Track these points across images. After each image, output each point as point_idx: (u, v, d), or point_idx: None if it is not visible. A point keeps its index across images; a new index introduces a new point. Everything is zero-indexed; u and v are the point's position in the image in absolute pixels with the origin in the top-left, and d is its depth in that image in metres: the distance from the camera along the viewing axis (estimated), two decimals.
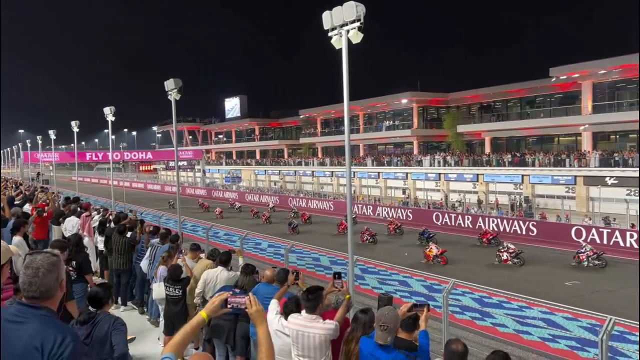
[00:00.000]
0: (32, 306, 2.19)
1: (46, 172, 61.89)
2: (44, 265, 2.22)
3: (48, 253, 2.32)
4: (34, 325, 2.14)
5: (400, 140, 50.95)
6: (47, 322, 2.18)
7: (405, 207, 35.45)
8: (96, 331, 3.98)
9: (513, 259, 19.83)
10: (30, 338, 2.11)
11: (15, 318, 2.16)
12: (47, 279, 2.22)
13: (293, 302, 4.72)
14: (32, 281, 2.20)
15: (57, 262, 2.29)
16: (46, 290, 2.22)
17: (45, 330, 2.14)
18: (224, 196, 53.04)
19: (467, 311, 12.93)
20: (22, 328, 2.13)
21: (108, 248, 10.29)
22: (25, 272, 2.23)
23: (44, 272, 2.22)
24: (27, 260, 2.27)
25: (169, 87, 17.23)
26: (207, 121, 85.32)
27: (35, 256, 2.28)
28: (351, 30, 9.44)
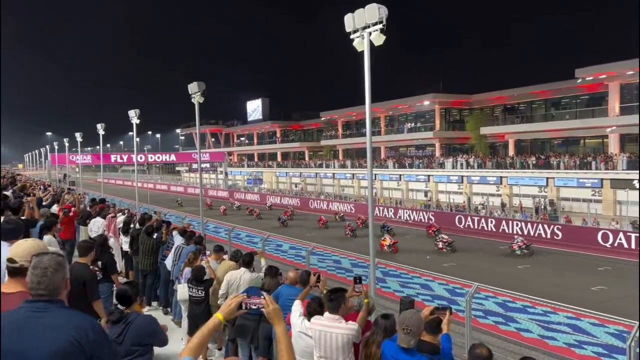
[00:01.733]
0: (46, 300, 2.27)
1: (72, 174, 63.14)
2: (51, 265, 2.31)
3: (54, 254, 2.42)
4: (61, 317, 2.23)
5: (422, 143, 50.59)
6: (72, 312, 2.31)
7: (427, 210, 35.18)
8: (129, 331, 4.06)
9: (447, 247, 23.87)
10: (65, 329, 2.18)
11: (37, 314, 2.22)
12: (55, 278, 2.31)
13: (316, 302, 4.74)
14: (40, 280, 2.28)
15: (63, 262, 2.39)
16: (54, 288, 2.30)
17: (76, 320, 2.25)
18: (246, 198, 53.38)
19: (491, 315, 12.77)
20: (46, 322, 2.19)
21: (133, 249, 10.46)
22: (34, 272, 2.31)
23: (51, 271, 2.30)
24: (35, 261, 2.35)
25: (192, 90, 17.45)
26: (230, 124, 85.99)
27: (42, 257, 2.36)
28: (373, 32, 9.44)
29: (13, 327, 2.20)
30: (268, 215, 39.10)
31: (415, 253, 23.48)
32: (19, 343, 2.16)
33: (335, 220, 34.96)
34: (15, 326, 2.19)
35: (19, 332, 2.18)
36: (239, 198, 53.18)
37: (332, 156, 60.84)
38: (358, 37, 9.76)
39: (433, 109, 48.28)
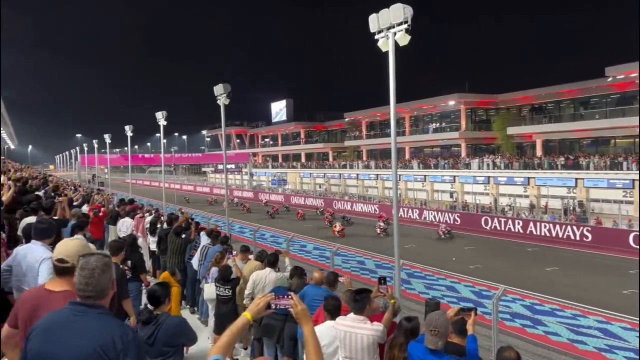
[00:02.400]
0: (88, 305, 2.26)
1: (101, 175, 64.48)
2: (99, 266, 2.31)
3: (100, 254, 2.41)
4: (94, 323, 2.22)
5: (447, 143, 50.10)
6: (106, 320, 2.26)
7: (452, 211, 34.82)
8: (160, 332, 4.14)
9: (383, 232, 28.81)
10: (93, 337, 2.17)
11: (73, 317, 2.24)
12: (103, 279, 2.31)
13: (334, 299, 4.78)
14: (88, 282, 2.28)
15: (110, 262, 2.39)
16: (102, 289, 2.30)
17: (106, 328, 2.21)
18: (270, 198, 53.67)
19: (518, 318, 12.60)
20: (80, 327, 2.20)
21: (160, 248, 10.63)
22: (81, 273, 2.30)
23: (99, 272, 2.30)
24: (82, 262, 2.35)
25: (218, 92, 17.67)
26: (254, 125, 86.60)
27: (89, 258, 2.35)
28: (398, 32, 9.40)
29: (53, 327, 2.24)
30: (260, 210, 43.89)
31: (359, 237, 28.10)
32: (52, 344, 2.20)
33: (316, 214, 39.39)
34: (54, 327, 2.24)
35: (55, 333, 2.22)
36: (264, 198, 53.52)
37: (356, 157, 60.73)
38: (383, 37, 9.75)
39: (458, 109, 47.78)
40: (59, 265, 2.88)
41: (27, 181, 12.95)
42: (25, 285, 4.64)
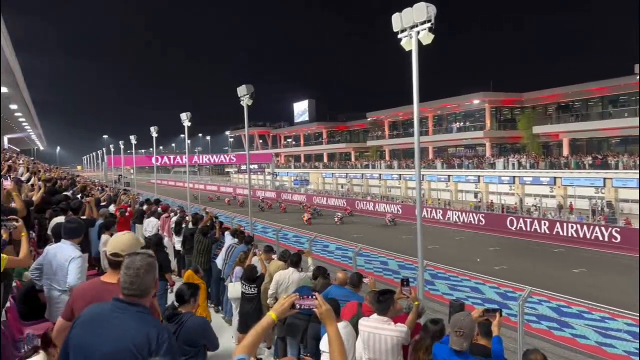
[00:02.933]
0: (129, 303, 2.33)
1: (127, 175, 65.56)
2: (143, 266, 2.37)
3: (145, 254, 2.46)
4: (132, 321, 2.28)
5: (471, 142, 49.54)
6: (144, 318, 2.33)
7: (477, 212, 34.41)
8: (183, 330, 4.20)
9: (312, 218, 35.13)
10: (129, 334, 2.24)
11: (114, 314, 2.31)
12: (147, 279, 2.38)
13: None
14: (133, 281, 2.35)
15: (154, 262, 2.44)
16: (145, 288, 2.37)
17: (143, 326, 2.28)
18: (293, 198, 53.84)
19: (544, 320, 12.40)
20: (119, 323, 2.28)
21: (185, 248, 10.77)
22: (127, 272, 2.37)
23: (143, 272, 2.37)
24: (128, 261, 2.41)
25: (241, 93, 17.82)
26: (277, 125, 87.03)
27: (134, 257, 2.41)
28: (421, 31, 9.35)
29: (94, 320, 2.33)
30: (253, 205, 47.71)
31: (321, 225, 32.77)
32: (92, 336, 2.28)
33: (299, 208, 44.34)
34: (96, 320, 2.32)
35: (95, 326, 2.30)
36: (286, 199, 53.71)
37: (378, 157, 60.49)
38: (406, 36, 9.71)
39: (483, 108, 47.20)
40: (113, 259, 2.97)
41: (56, 182, 13.25)
42: (55, 284, 4.75)
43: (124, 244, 3.02)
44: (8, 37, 23.41)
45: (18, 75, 32.00)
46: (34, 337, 4.64)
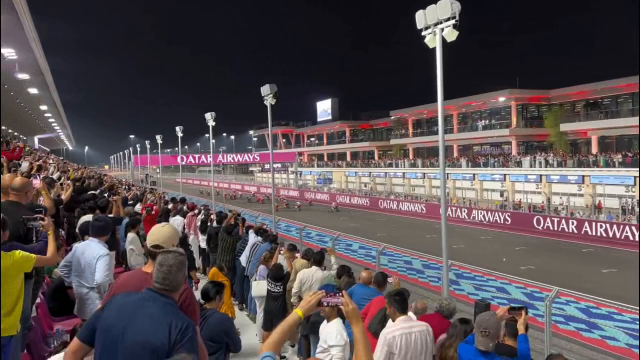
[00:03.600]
0: (161, 294, 2.47)
1: (153, 174, 66.58)
2: (175, 264, 2.51)
3: (177, 252, 2.59)
4: (160, 311, 2.41)
5: (497, 140, 48.82)
6: (172, 310, 2.46)
7: (503, 211, 33.92)
8: (205, 326, 4.24)
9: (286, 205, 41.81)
10: (156, 323, 2.37)
11: (146, 302, 2.46)
12: (178, 276, 2.52)
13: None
14: (166, 277, 2.48)
15: (185, 260, 2.58)
16: (176, 284, 2.52)
17: (170, 317, 2.40)
18: (316, 197, 53.91)
19: (572, 321, 12.16)
20: (150, 312, 2.41)
21: (210, 246, 10.88)
22: (160, 268, 2.50)
23: (175, 269, 2.50)
24: (161, 258, 2.54)
25: (264, 92, 17.91)
26: (300, 124, 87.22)
27: (167, 255, 2.55)
28: (446, 28, 9.26)
29: (126, 306, 2.48)
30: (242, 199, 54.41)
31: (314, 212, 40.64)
32: (122, 321, 2.42)
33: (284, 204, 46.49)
34: (128, 306, 2.48)
35: (127, 312, 2.45)
36: (310, 197, 53.79)
37: (402, 155, 60.10)
38: (430, 33, 9.62)
39: (509, 105, 46.46)
40: (153, 251, 3.05)
41: (84, 181, 13.53)
42: (83, 281, 4.86)
43: (163, 235, 3.12)
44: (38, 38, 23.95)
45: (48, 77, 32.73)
46: (63, 332, 4.75)
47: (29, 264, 3.39)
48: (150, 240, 3.14)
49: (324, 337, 4.40)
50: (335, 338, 4.18)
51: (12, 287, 3.26)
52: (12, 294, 3.27)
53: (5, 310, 3.16)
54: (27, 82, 27.98)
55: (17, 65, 23.59)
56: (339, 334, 4.35)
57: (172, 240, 3.12)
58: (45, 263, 3.83)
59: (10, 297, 3.25)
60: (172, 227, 3.33)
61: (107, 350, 2.42)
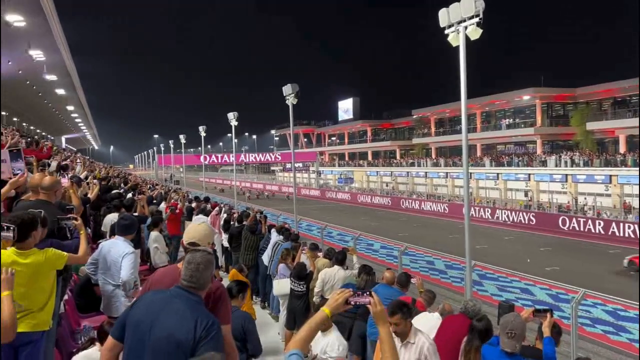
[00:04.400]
0: (188, 291, 2.52)
1: (176, 174, 67.40)
2: (203, 262, 2.57)
3: (205, 252, 2.67)
4: (187, 308, 2.46)
5: (521, 139, 48.08)
6: (197, 307, 2.51)
7: (527, 211, 33.43)
8: None
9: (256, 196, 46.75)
10: (181, 317, 2.42)
11: (174, 300, 2.50)
12: (205, 274, 2.57)
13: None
14: (193, 274, 2.54)
15: (212, 259, 2.64)
16: (203, 282, 2.57)
17: (196, 314, 2.44)
18: (337, 197, 53.87)
19: (599, 324, 11.92)
20: (177, 308, 2.46)
21: (232, 245, 10.96)
22: (188, 266, 2.57)
23: (202, 267, 2.56)
24: (189, 257, 2.61)
25: (286, 92, 17.97)
26: (321, 124, 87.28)
27: (195, 254, 2.62)
28: (469, 26, 9.16)
29: (155, 302, 2.55)
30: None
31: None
32: (150, 316, 2.48)
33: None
34: (157, 302, 2.54)
35: (155, 308, 2.51)
36: (330, 197, 53.79)
37: (424, 154, 59.65)
38: (453, 31, 9.52)
39: (534, 104, 45.74)
40: (190, 248, 3.15)
41: (110, 180, 13.78)
42: (109, 278, 4.94)
43: (199, 233, 3.21)
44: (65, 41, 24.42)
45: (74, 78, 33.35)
46: (90, 328, 4.85)
47: (61, 262, 3.46)
48: (186, 237, 3.25)
49: (323, 347, 4.40)
50: (338, 349, 4.16)
51: (44, 284, 3.34)
52: (45, 291, 3.35)
53: (38, 306, 3.24)
54: (54, 83, 28.61)
55: (45, 66, 24.11)
56: (340, 345, 4.32)
57: (207, 238, 3.23)
58: (76, 261, 3.92)
59: (43, 293, 3.33)
60: (207, 225, 3.44)
61: (135, 346, 2.47)
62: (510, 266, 16.53)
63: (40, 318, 3.27)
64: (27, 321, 3.22)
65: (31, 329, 3.24)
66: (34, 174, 4.74)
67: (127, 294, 4.80)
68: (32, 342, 3.25)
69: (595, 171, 36.69)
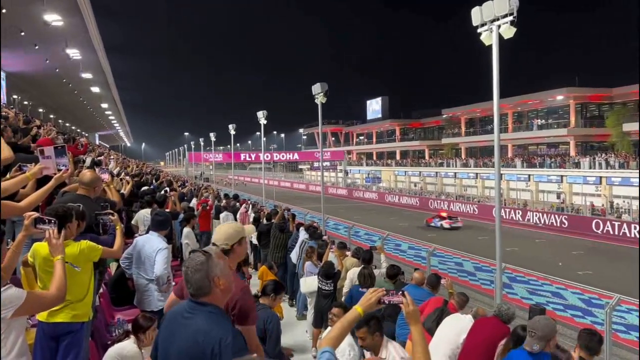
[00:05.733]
0: (198, 302, 2.32)
1: (206, 171, 68.31)
2: (192, 265, 2.31)
3: (199, 252, 2.39)
4: (201, 321, 2.27)
5: (554, 140, 47.02)
6: (213, 319, 2.29)
7: (559, 213, 32.71)
8: None
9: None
10: (195, 334, 2.25)
11: (186, 314, 2.33)
12: (196, 277, 2.29)
13: None
14: (187, 279, 2.33)
15: (206, 261, 2.32)
16: (198, 287, 2.30)
17: (209, 328, 2.25)
18: (364, 196, 53.70)
19: (634, 331, 11.57)
20: (189, 323, 2.29)
21: (261, 243, 11.08)
22: (184, 270, 2.37)
23: (191, 271, 2.30)
24: (187, 259, 2.42)
25: (315, 91, 18.02)
26: (349, 123, 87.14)
27: (191, 255, 2.38)
28: (503, 25, 9.03)
29: (172, 319, 2.41)
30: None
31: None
32: (167, 332, 2.40)
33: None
34: (173, 319, 2.40)
35: (172, 325, 2.38)
36: (358, 196, 53.66)
37: (453, 155, 58.95)
38: (486, 30, 9.40)
39: (567, 104, 44.68)
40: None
41: (142, 176, 14.05)
42: (143, 272, 5.06)
43: (220, 234, 3.07)
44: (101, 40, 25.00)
45: (109, 76, 34.11)
46: (124, 322, 4.97)
47: (96, 254, 3.56)
48: (213, 238, 3.15)
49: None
50: (349, 355, 4.13)
51: (82, 276, 3.44)
52: (83, 283, 3.46)
53: (77, 297, 3.34)
54: (90, 81, 29.33)
55: (81, 64, 24.77)
56: (352, 350, 4.27)
57: (229, 240, 3.00)
58: (111, 255, 4.02)
59: (81, 285, 3.43)
60: (229, 225, 3.26)
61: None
62: (541, 269, 16.22)
63: (79, 309, 3.37)
64: (67, 312, 3.33)
65: (71, 320, 3.35)
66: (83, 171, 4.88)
67: (160, 288, 4.90)
68: (72, 332, 3.36)
69: (631, 174, 35.62)
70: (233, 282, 2.48)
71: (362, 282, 6.31)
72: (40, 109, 42.21)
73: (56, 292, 2.50)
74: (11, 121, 10.40)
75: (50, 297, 2.49)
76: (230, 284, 2.41)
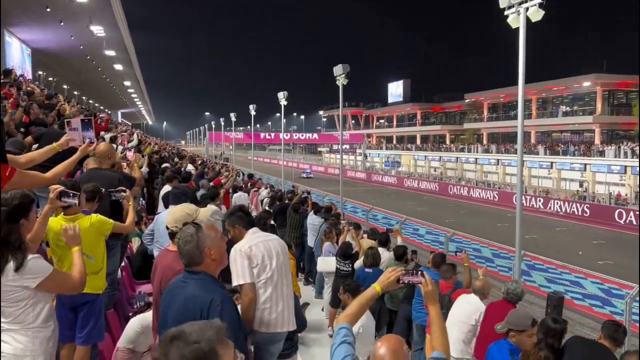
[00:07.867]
0: (191, 272, 2.51)
1: (226, 151, 68.80)
2: (183, 237, 2.50)
3: (190, 224, 2.59)
4: (192, 288, 2.46)
5: (579, 128, 46.10)
6: (202, 285, 2.46)
7: (582, 202, 32.20)
8: None
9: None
10: (186, 300, 2.43)
11: (181, 283, 2.54)
12: (187, 248, 2.47)
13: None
14: (179, 250, 2.52)
15: (195, 233, 2.48)
16: (190, 257, 2.48)
17: (199, 293, 2.42)
18: (383, 180, 53.52)
19: None
20: (182, 292, 2.47)
21: (277, 223, 11.17)
22: (177, 241, 2.57)
23: (183, 242, 2.48)
24: (179, 233, 2.63)
25: (337, 72, 17.91)
26: (370, 106, 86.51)
27: (183, 227, 2.61)
28: (531, 7, 8.83)
29: (169, 290, 2.63)
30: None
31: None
32: (165, 303, 2.60)
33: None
34: (170, 290, 2.62)
35: (169, 296, 2.59)
36: (376, 180, 53.49)
37: (475, 140, 58.23)
38: (513, 13, 9.21)
39: (594, 91, 43.65)
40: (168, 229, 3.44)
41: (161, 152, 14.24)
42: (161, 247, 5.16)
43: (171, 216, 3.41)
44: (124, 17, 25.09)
45: (132, 54, 34.31)
46: (146, 295, 5.08)
47: (107, 227, 3.64)
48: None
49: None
50: (359, 330, 4.16)
51: (95, 249, 3.54)
52: (97, 256, 3.55)
53: (92, 270, 3.42)
54: (113, 58, 29.56)
55: (105, 42, 24.94)
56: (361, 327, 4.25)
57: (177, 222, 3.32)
58: (123, 230, 4.09)
59: (95, 259, 3.52)
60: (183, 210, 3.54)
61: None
62: (561, 258, 16.03)
63: (94, 282, 3.47)
64: None
65: (86, 291, 3.46)
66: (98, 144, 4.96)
67: None
68: (89, 302, 3.49)
69: None
70: (225, 253, 2.69)
71: (365, 261, 6.36)
72: (64, 85, 42.78)
73: (78, 276, 2.60)
74: (37, 96, 10.60)
75: (73, 280, 2.59)
76: (222, 254, 2.59)
